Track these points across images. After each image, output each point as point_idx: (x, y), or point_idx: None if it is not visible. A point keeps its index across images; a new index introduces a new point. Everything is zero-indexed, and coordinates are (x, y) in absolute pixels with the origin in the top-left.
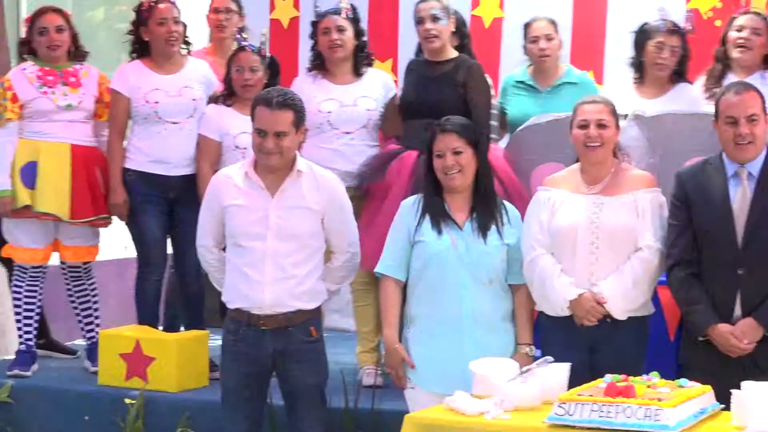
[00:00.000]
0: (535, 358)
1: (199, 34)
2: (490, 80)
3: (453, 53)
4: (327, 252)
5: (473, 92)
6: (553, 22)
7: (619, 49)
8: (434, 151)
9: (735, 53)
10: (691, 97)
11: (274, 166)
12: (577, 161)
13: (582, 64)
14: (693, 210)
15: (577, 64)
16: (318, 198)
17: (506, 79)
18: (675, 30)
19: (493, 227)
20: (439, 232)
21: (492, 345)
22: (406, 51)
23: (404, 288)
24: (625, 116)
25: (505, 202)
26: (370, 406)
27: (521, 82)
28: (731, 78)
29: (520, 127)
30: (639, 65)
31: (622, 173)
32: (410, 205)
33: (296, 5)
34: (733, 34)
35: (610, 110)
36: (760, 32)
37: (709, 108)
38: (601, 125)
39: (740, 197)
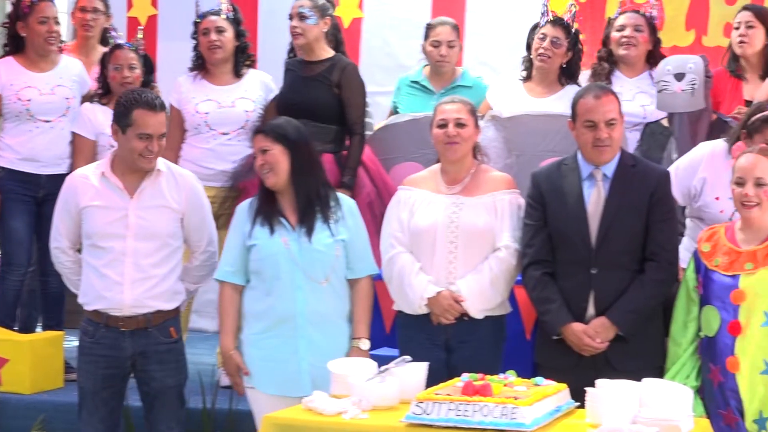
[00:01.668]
0: (393, 358)
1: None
2: None
3: (328, 53)
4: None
5: (348, 92)
6: (456, 28)
7: (477, 49)
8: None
9: (620, 51)
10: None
11: (151, 168)
12: (437, 161)
13: None
14: (548, 210)
15: None
16: (178, 197)
17: (401, 78)
18: (557, 21)
19: (322, 225)
20: (272, 233)
21: (328, 345)
22: (265, 51)
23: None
24: (482, 117)
25: (341, 195)
26: (227, 406)
27: (416, 82)
28: (619, 76)
29: (379, 127)
30: (528, 62)
31: (481, 174)
32: (245, 209)
33: (154, 4)
34: (615, 34)
35: (469, 110)
36: (642, 29)
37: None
38: (459, 124)
39: (595, 198)
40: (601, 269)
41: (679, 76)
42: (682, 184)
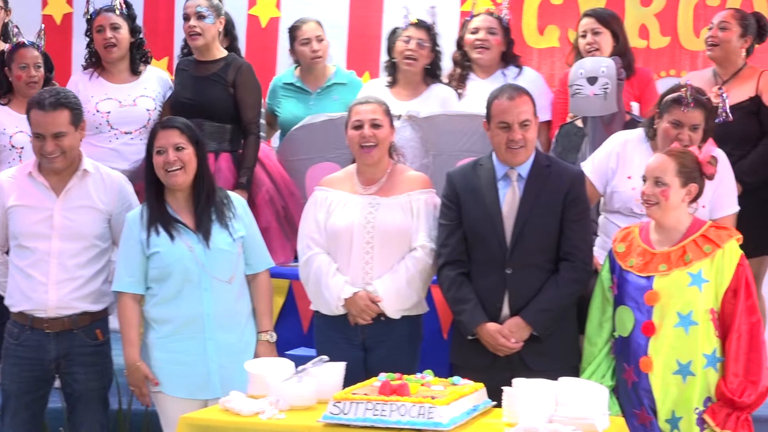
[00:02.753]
0: (310, 358)
1: None
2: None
3: (222, 53)
4: None
5: (243, 92)
6: (319, 23)
7: None
8: (155, 148)
9: (474, 54)
10: (444, 97)
11: (58, 168)
12: (353, 161)
13: (358, 65)
14: (463, 210)
15: (353, 65)
16: (105, 198)
17: (274, 80)
18: (420, 24)
19: (222, 222)
20: (173, 239)
21: (235, 345)
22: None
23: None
24: (399, 117)
25: (230, 193)
26: (144, 407)
27: (290, 84)
28: (473, 79)
29: (295, 127)
30: (392, 66)
31: (397, 174)
32: (136, 218)
33: (69, 2)
34: (469, 37)
35: (384, 110)
36: (495, 32)
37: (482, 110)
38: (375, 125)
39: (509, 198)
40: (515, 269)
41: (592, 80)
42: (600, 169)
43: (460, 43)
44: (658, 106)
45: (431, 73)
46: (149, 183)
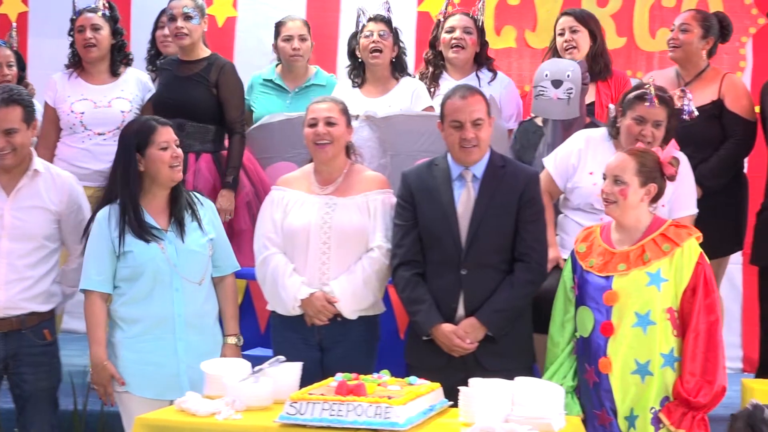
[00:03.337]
0: (268, 358)
1: None
2: None
3: (205, 52)
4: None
5: (226, 91)
6: (306, 23)
7: None
8: (158, 144)
9: (450, 53)
10: (414, 89)
11: (9, 165)
12: (311, 161)
13: (315, 64)
14: (418, 210)
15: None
16: (55, 199)
17: (254, 77)
18: (378, 17)
19: (193, 223)
20: (145, 239)
21: (203, 346)
22: (139, 48)
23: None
24: (357, 117)
25: (198, 195)
26: (99, 408)
27: (269, 80)
28: (447, 78)
29: (253, 126)
30: (359, 67)
31: (355, 174)
32: (106, 216)
33: (24, 0)
34: (445, 36)
35: (340, 109)
36: (471, 31)
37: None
38: (329, 123)
39: (464, 198)
40: (470, 270)
41: (557, 83)
42: (562, 165)
43: (433, 43)
44: (621, 104)
45: (398, 68)
46: (130, 181)
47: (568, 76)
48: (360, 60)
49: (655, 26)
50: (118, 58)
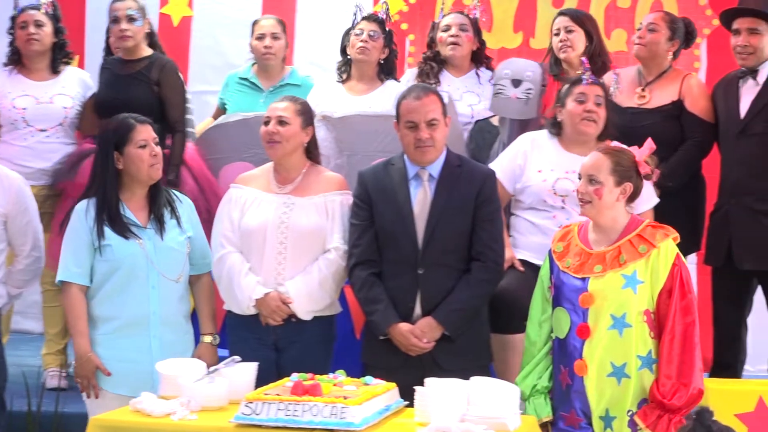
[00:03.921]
0: (223, 358)
1: None
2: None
3: (147, 51)
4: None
5: (168, 90)
6: (281, 22)
7: (307, 50)
8: (137, 142)
9: (447, 51)
10: (398, 93)
11: None
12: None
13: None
14: (375, 210)
15: None
16: (2, 200)
17: (230, 75)
18: (371, 17)
19: (172, 221)
20: (124, 234)
21: (177, 345)
22: (94, 48)
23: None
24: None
25: (177, 193)
26: (53, 409)
27: (245, 79)
28: (446, 76)
29: (209, 126)
30: (346, 63)
31: (314, 174)
32: (84, 209)
33: None
34: (441, 35)
35: (297, 110)
36: (466, 28)
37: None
38: (281, 122)
39: (421, 198)
40: (427, 269)
41: (516, 83)
42: (509, 169)
43: (430, 44)
44: (558, 100)
45: (386, 70)
46: (107, 179)
47: (528, 75)
48: (349, 57)
49: (610, 26)
50: (59, 56)
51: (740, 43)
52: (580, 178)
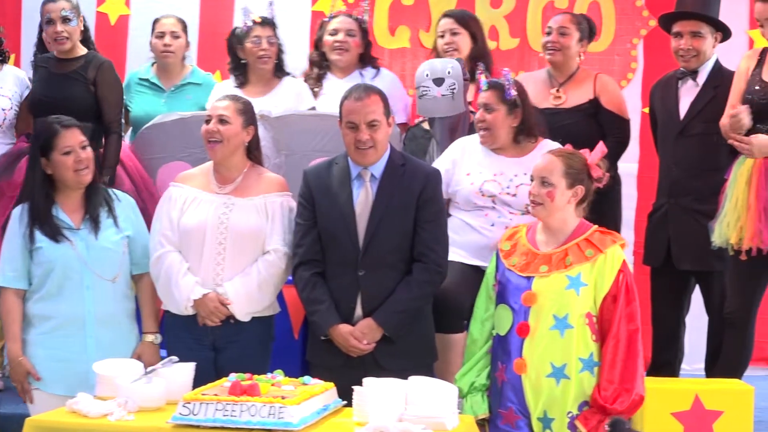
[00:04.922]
0: (161, 358)
1: None
2: None
3: (83, 50)
4: None
5: (104, 90)
6: (181, 21)
7: None
8: (61, 149)
9: (333, 56)
10: (298, 91)
11: None
12: (206, 161)
13: (208, 64)
14: (317, 209)
15: (203, 64)
16: None
17: (130, 75)
18: (265, 21)
19: (108, 221)
20: (54, 237)
21: (117, 344)
22: (30, 47)
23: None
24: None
25: (116, 192)
26: None
27: (145, 79)
28: (330, 78)
29: (146, 126)
30: (241, 67)
31: (255, 175)
32: (19, 214)
33: None
34: (328, 38)
35: (238, 109)
36: (354, 33)
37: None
38: (222, 121)
39: (363, 199)
40: (368, 270)
41: (438, 81)
42: (442, 171)
43: (317, 44)
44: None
45: (279, 67)
46: (39, 182)
47: (449, 72)
48: (242, 60)
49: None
50: None
51: (683, 47)
52: (532, 180)
